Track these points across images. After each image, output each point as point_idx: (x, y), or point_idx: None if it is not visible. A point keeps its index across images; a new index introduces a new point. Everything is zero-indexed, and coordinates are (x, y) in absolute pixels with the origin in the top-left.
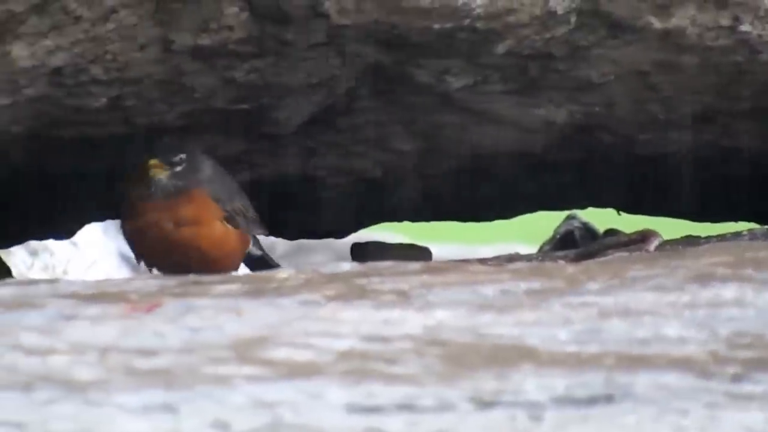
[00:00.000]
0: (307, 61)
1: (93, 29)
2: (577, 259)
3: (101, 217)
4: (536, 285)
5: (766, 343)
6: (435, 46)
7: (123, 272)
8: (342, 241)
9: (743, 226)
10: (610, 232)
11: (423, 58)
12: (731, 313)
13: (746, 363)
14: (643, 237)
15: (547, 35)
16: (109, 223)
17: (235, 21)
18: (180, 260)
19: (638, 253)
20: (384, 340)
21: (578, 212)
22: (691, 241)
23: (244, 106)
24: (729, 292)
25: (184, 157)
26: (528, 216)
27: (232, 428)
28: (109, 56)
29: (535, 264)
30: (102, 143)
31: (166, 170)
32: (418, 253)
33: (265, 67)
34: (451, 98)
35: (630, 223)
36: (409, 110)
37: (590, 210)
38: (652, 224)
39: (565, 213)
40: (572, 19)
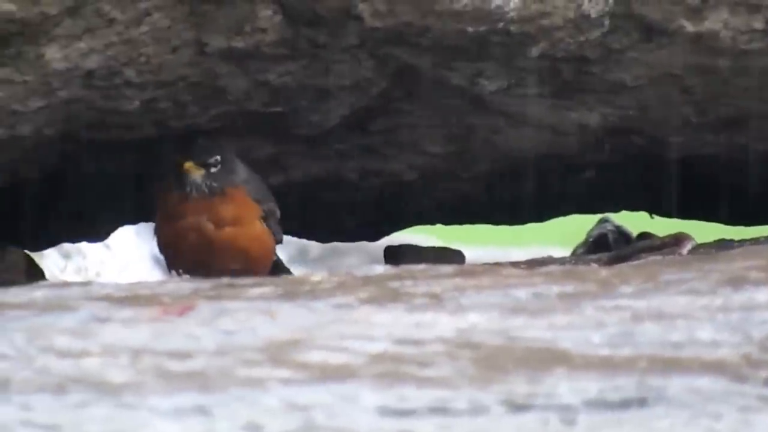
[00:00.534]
0: (340, 63)
1: (126, 32)
2: (610, 263)
3: (134, 220)
4: (569, 288)
5: None
6: (468, 49)
7: (156, 275)
8: (375, 243)
9: None
10: (644, 236)
11: (456, 61)
12: (764, 317)
13: None
14: (676, 240)
15: (581, 38)
16: (143, 226)
17: (269, 24)
18: (220, 262)
19: (671, 256)
20: (417, 343)
21: (611, 215)
22: (724, 244)
23: (277, 109)
24: (762, 295)
25: (219, 158)
26: (561, 219)
27: (265, 431)
28: (142, 59)
29: (568, 267)
30: (135, 146)
31: (201, 171)
32: (451, 256)
33: (298, 69)
34: (484, 101)
35: (663, 227)
36: (442, 113)
37: (623, 213)
38: (685, 228)
39: (599, 216)
40: (606, 22)
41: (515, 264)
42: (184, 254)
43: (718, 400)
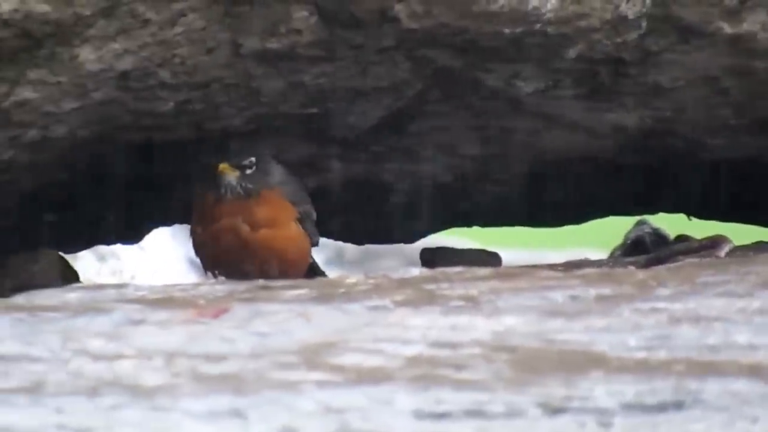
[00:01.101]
0: (376, 65)
1: (161, 33)
2: (647, 265)
3: (169, 222)
4: (606, 291)
5: None
6: (505, 50)
7: (192, 277)
8: (412, 246)
9: None
10: (681, 238)
11: (493, 63)
12: None
13: None
14: (713, 243)
15: (618, 40)
16: (178, 228)
17: (304, 25)
18: (255, 264)
19: (709, 258)
20: (452, 345)
21: (649, 218)
22: (762, 246)
23: (312, 110)
24: None
25: (254, 160)
26: (598, 221)
27: None
28: (177, 60)
29: (605, 270)
30: (170, 148)
31: (236, 173)
32: (487, 259)
33: (333, 71)
34: (521, 103)
35: (701, 229)
36: (479, 115)
37: (661, 215)
38: (722, 230)
39: (636, 218)
40: (643, 23)
41: (552, 266)
42: (219, 256)
43: (755, 404)
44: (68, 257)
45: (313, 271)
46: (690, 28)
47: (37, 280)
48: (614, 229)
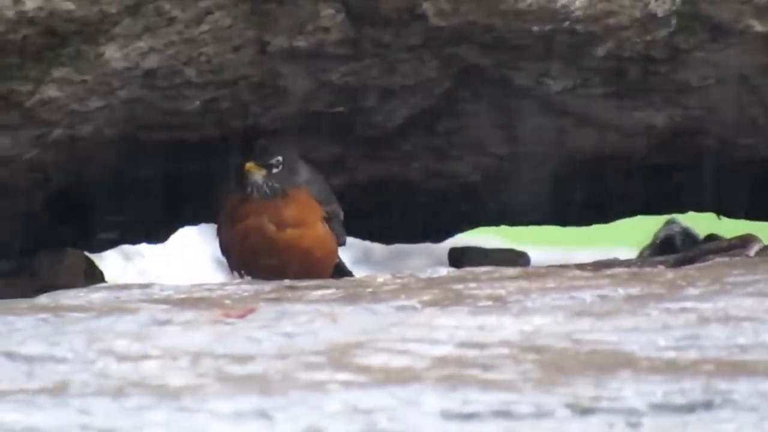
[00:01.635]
0: (403, 63)
1: (187, 31)
2: (676, 265)
3: (196, 221)
4: (635, 290)
5: None
6: (534, 48)
7: (218, 277)
8: (439, 245)
9: None
10: (710, 237)
11: (521, 61)
12: None
13: None
14: (743, 242)
15: (648, 38)
16: (205, 227)
17: (331, 23)
18: (282, 263)
19: (738, 258)
20: (480, 346)
21: (678, 217)
22: None
23: (339, 109)
24: None
25: (281, 159)
26: (628, 220)
27: None
28: (203, 58)
29: (634, 269)
30: (196, 146)
31: (262, 172)
32: (515, 258)
33: (361, 69)
34: (550, 101)
35: (730, 228)
36: (507, 113)
37: (690, 214)
38: (752, 229)
39: (665, 217)
40: (672, 21)
41: (581, 266)
42: (246, 256)
43: None
44: (93, 257)
45: (340, 270)
46: (720, 25)
47: (62, 280)
48: (643, 228)
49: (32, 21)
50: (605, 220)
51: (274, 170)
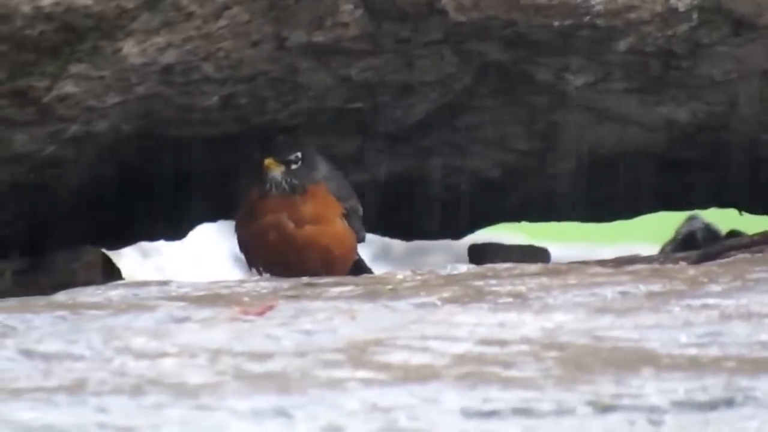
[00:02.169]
0: (423, 58)
1: (205, 26)
2: (698, 261)
3: (214, 218)
4: (656, 287)
5: None
6: (554, 43)
7: (236, 274)
8: (459, 242)
9: None
10: (733, 233)
11: (542, 56)
12: None
13: None
14: (765, 238)
15: (669, 32)
16: (223, 224)
17: (350, 18)
18: (300, 260)
19: (760, 254)
20: (501, 343)
21: (700, 213)
22: None
23: (358, 105)
24: None
25: (300, 155)
26: (649, 216)
27: None
28: (221, 53)
29: (656, 266)
30: (214, 143)
31: (281, 168)
32: (536, 254)
33: (380, 64)
34: (571, 97)
35: (752, 224)
36: (528, 109)
37: (712, 210)
38: None
39: (687, 213)
40: (694, 16)
41: (602, 262)
42: (264, 253)
43: None
44: (111, 254)
45: (359, 267)
46: (742, 20)
47: (79, 277)
48: (665, 224)
49: (49, 17)
50: (627, 216)
51: (293, 166)
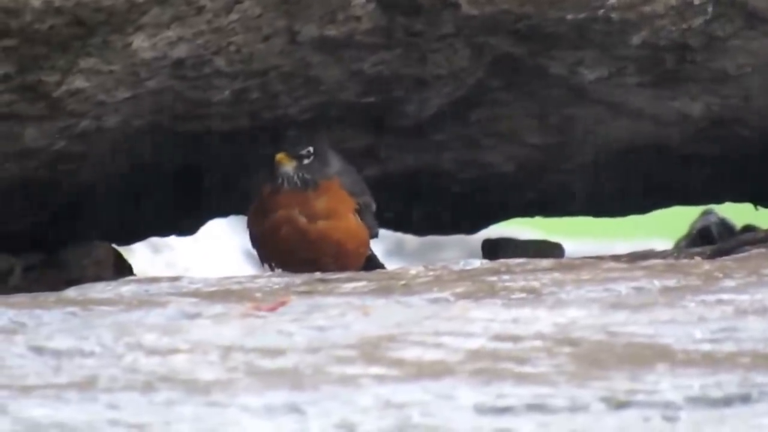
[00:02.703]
0: (435, 52)
1: (216, 20)
2: (713, 256)
3: (226, 213)
4: (671, 282)
5: None
6: (568, 37)
7: (248, 269)
8: (473, 237)
9: None
10: (748, 228)
11: (556, 50)
12: None
13: None
14: None
15: (684, 26)
16: (234, 219)
17: (363, 11)
18: (313, 256)
19: None
20: (515, 339)
21: (715, 207)
22: None
23: (371, 99)
24: None
25: (312, 150)
26: (664, 211)
27: (359, 429)
28: (232, 48)
29: (670, 261)
30: (226, 137)
31: (293, 163)
32: (550, 250)
33: (393, 58)
34: (585, 91)
35: None
36: (541, 103)
37: (727, 205)
38: None
39: (702, 208)
40: (709, 9)
41: (616, 257)
42: (276, 248)
43: None
44: (122, 249)
45: (372, 263)
46: (756, 13)
47: (90, 273)
48: (680, 219)
49: (59, 11)
50: (641, 210)
51: (305, 161)
